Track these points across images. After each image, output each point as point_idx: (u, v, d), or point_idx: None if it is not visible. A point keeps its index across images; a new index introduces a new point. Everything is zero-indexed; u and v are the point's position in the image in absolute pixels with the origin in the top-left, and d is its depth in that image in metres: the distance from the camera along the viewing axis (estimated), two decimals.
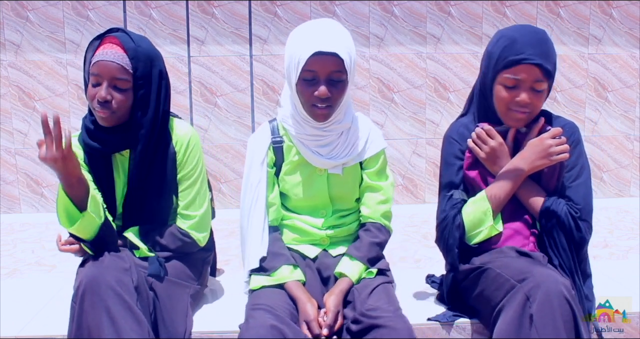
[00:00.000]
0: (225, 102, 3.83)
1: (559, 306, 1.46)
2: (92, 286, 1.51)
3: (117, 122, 1.71)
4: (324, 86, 1.61)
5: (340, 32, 1.62)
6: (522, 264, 1.60)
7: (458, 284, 1.79)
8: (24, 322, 1.86)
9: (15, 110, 3.74)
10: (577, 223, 1.68)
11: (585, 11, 3.95)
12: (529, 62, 1.61)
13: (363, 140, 1.77)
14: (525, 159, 1.68)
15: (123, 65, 1.67)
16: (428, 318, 1.79)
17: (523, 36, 1.64)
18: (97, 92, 1.66)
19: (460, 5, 3.87)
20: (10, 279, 2.42)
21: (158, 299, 1.66)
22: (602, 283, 1.82)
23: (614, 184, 4.14)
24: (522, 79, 1.63)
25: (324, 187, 1.77)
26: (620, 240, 2.97)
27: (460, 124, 1.82)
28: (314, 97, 1.62)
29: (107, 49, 1.67)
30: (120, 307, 1.49)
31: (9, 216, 3.73)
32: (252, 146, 1.80)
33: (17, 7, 3.66)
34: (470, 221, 1.72)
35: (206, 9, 3.74)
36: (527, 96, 1.64)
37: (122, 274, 1.56)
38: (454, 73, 3.94)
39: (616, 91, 4.07)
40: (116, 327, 1.47)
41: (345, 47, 1.60)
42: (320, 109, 1.64)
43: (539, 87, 1.64)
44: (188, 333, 1.69)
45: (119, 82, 1.67)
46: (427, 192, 4.03)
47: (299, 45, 1.60)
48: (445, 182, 1.81)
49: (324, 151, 1.74)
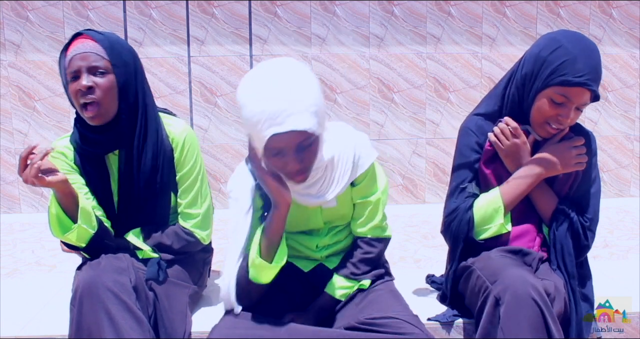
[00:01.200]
0: (225, 102, 3.83)
1: (525, 307, 1.45)
2: (90, 289, 1.50)
3: (106, 118, 1.68)
4: (294, 158, 1.41)
5: (293, 90, 1.35)
6: (497, 265, 1.60)
7: (457, 282, 1.79)
8: (24, 322, 1.86)
9: (15, 110, 3.74)
10: (585, 233, 1.69)
11: (585, 11, 3.95)
12: (587, 87, 1.57)
13: (350, 162, 1.58)
14: (545, 163, 1.67)
15: (97, 52, 1.64)
16: (428, 318, 1.79)
17: (583, 55, 1.59)
18: (78, 83, 1.63)
19: (460, 5, 3.87)
20: (10, 279, 2.41)
21: (157, 300, 1.66)
22: (602, 283, 1.82)
23: (614, 184, 4.14)
24: (572, 100, 1.59)
25: (319, 217, 1.68)
26: (620, 240, 2.97)
27: (479, 117, 1.78)
28: (285, 170, 1.45)
29: (78, 44, 1.66)
30: (119, 307, 1.49)
31: (9, 216, 3.73)
32: (234, 193, 1.58)
33: (17, 7, 3.66)
34: (480, 217, 1.70)
35: (206, 9, 3.74)
36: (570, 116, 1.61)
37: (119, 275, 1.56)
38: (454, 73, 3.94)
39: (616, 90, 4.07)
40: (116, 327, 1.47)
41: (304, 111, 1.35)
42: (297, 177, 1.47)
43: (583, 107, 1.62)
44: (187, 333, 1.69)
45: (97, 68, 1.64)
46: (427, 192, 4.03)
47: (254, 120, 1.37)
48: (458, 174, 1.77)
49: (312, 190, 1.56)
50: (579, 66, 1.57)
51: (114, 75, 1.66)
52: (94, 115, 1.66)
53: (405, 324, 1.47)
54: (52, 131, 3.73)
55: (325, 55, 3.84)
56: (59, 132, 3.73)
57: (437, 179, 4.02)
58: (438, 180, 4.01)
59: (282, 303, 1.66)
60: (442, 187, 3.95)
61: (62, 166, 1.74)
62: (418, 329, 1.47)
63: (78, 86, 1.63)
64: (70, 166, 1.78)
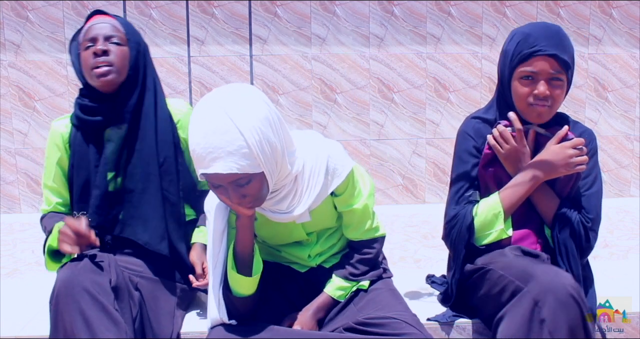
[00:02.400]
0: None
1: (569, 309, 1.45)
2: (66, 289, 1.50)
3: (112, 84, 1.70)
4: (233, 194, 1.36)
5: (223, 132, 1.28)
6: (524, 264, 1.58)
7: (461, 284, 1.78)
8: (24, 322, 1.86)
9: (15, 110, 3.74)
10: (587, 233, 1.68)
11: (585, 11, 3.95)
12: (544, 53, 1.59)
13: (322, 174, 1.51)
14: (544, 165, 1.65)
15: (114, 25, 1.72)
16: (428, 318, 1.79)
17: (536, 30, 1.63)
18: (94, 48, 1.68)
19: (460, 5, 3.87)
20: (10, 279, 2.41)
21: (144, 300, 1.65)
22: (602, 283, 1.82)
23: (614, 184, 4.14)
24: (538, 71, 1.61)
25: (300, 231, 1.64)
26: (620, 240, 2.97)
27: (477, 120, 1.78)
28: (229, 202, 1.40)
29: (96, 18, 1.73)
30: (94, 308, 1.48)
31: (9, 216, 3.73)
32: (209, 214, 1.54)
33: (17, 7, 3.66)
34: (480, 222, 1.69)
35: (206, 9, 3.74)
36: (545, 88, 1.60)
37: (98, 275, 1.55)
38: (454, 73, 3.94)
39: (616, 90, 4.07)
40: (90, 328, 1.46)
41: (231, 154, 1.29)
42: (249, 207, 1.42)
43: (557, 79, 1.61)
44: (175, 333, 1.68)
45: (113, 38, 1.70)
46: (427, 192, 4.03)
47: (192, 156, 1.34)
48: (457, 179, 1.76)
49: (282, 206, 1.51)
50: (531, 40, 1.62)
51: (128, 48, 1.73)
52: (105, 72, 1.68)
53: (403, 325, 1.46)
54: None
55: (325, 55, 3.84)
56: None
57: (437, 179, 4.02)
58: (438, 180, 4.01)
59: (280, 304, 1.65)
60: (442, 187, 3.96)
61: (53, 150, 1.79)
62: (417, 329, 1.46)
63: (94, 50, 1.68)
64: (62, 148, 1.79)
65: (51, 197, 1.84)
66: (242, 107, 1.31)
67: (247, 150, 1.30)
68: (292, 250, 1.68)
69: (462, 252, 1.72)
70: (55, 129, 1.82)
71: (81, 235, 1.55)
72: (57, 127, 1.82)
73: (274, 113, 1.38)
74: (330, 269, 1.69)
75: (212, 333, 1.48)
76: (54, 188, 1.83)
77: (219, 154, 1.28)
